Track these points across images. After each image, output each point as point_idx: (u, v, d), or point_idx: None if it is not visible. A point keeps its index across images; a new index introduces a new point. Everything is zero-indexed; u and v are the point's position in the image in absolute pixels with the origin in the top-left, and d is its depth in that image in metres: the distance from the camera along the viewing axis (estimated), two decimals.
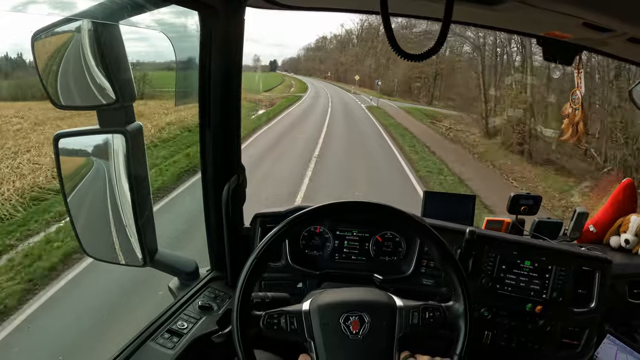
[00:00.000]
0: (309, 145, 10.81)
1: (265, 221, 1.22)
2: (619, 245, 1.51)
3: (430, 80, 23.10)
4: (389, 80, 27.36)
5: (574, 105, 1.19)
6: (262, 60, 45.79)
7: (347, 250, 1.28)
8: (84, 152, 1.01)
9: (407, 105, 22.30)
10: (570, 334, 1.22)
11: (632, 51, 0.95)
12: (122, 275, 3.57)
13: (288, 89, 33.63)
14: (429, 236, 0.89)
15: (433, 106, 21.48)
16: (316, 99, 25.95)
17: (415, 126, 16.04)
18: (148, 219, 0.97)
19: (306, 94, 28.66)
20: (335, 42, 42.26)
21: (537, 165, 10.48)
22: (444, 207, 1.41)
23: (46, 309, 3.43)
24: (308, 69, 46.04)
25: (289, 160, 9.13)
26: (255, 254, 0.83)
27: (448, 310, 0.87)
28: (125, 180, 0.94)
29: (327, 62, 44.23)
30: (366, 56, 33.83)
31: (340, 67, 41.38)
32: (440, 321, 0.85)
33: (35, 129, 7.88)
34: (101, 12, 0.86)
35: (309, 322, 0.82)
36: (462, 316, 0.85)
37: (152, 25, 0.92)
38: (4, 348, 3.00)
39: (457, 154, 11.75)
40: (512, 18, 0.93)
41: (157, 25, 0.93)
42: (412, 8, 0.95)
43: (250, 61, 45.87)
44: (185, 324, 0.97)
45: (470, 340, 0.84)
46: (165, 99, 11.19)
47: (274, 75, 40.39)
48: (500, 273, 1.23)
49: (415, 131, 14.57)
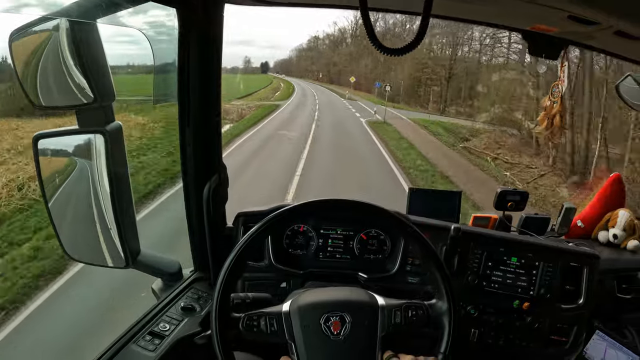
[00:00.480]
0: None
1: (247, 220, 1.20)
2: (607, 240, 1.52)
3: (442, 83, 21.36)
4: (390, 82, 24.54)
5: (553, 98, 1.20)
6: (254, 62, 46.05)
7: (331, 249, 1.27)
8: (64, 152, 1.00)
9: (418, 116, 18.38)
10: (559, 330, 1.22)
11: (619, 45, 0.94)
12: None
13: (273, 93, 30.83)
14: (410, 233, 0.89)
15: (447, 114, 19.22)
16: (299, 108, 20.56)
17: (447, 158, 10.20)
18: (130, 219, 0.96)
19: (288, 101, 24.49)
20: (328, 42, 41.32)
21: None
22: (430, 204, 1.41)
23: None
24: (300, 70, 45.25)
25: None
26: (234, 253, 0.82)
27: (431, 308, 0.86)
28: (106, 181, 0.93)
29: (320, 63, 42.99)
30: (362, 55, 32.31)
31: (333, 67, 39.68)
32: (424, 319, 0.85)
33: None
34: (77, 10, 0.85)
35: (289, 323, 0.81)
36: (446, 314, 0.84)
37: (129, 23, 0.91)
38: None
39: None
40: (496, 12, 0.92)
41: (135, 23, 0.92)
42: (392, 2, 0.94)
43: (240, 63, 43.61)
44: (168, 326, 0.96)
45: (455, 339, 0.83)
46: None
47: (262, 78, 39.07)
48: (487, 270, 1.22)
49: (455, 173, 8.96)
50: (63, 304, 3.52)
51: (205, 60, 0.95)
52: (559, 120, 1.27)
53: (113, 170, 0.90)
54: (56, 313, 3.40)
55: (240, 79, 27.57)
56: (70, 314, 3.41)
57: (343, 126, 14.89)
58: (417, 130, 14.22)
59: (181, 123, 0.99)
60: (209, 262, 1.12)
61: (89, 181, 0.95)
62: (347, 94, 29.28)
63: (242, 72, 42.66)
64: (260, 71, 44.55)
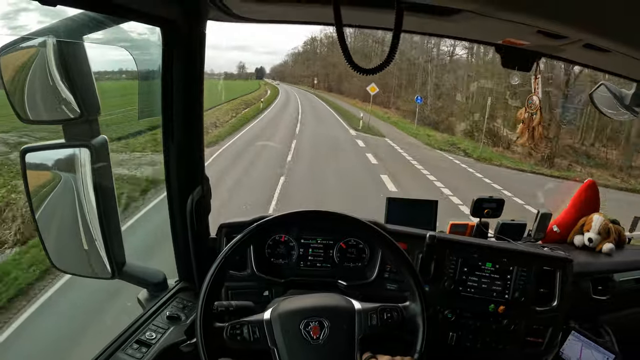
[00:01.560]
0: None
1: (230, 231, 1.23)
2: (583, 244, 1.56)
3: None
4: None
5: (530, 110, 1.24)
6: (248, 68, 43.28)
7: (312, 258, 1.30)
8: (51, 166, 1.02)
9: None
10: (534, 332, 1.26)
11: (588, 57, 0.98)
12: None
13: (248, 105, 19.45)
14: (381, 239, 0.93)
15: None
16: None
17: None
18: (115, 231, 0.98)
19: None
20: (327, 42, 32.72)
21: None
22: (407, 212, 1.44)
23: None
24: (295, 76, 40.97)
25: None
26: (216, 263, 0.85)
27: (405, 310, 0.90)
28: (91, 194, 0.95)
29: (316, 66, 35.82)
30: (368, 54, 22.04)
31: (332, 70, 30.16)
32: (399, 321, 0.89)
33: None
34: (64, 28, 0.88)
35: (270, 330, 0.85)
36: (419, 315, 0.89)
37: (114, 41, 0.94)
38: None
39: None
40: (467, 28, 0.96)
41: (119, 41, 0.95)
42: (366, 19, 0.97)
43: (234, 69, 41.11)
44: (154, 335, 0.98)
45: (429, 338, 0.87)
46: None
47: (247, 85, 33.92)
48: (463, 275, 1.26)
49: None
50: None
51: (188, 76, 0.98)
52: (541, 130, 1.31)
53: (98, 183, 0.93)
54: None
55: (222, 87, 20.47)
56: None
57: None
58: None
59: (165, 137, 1.02)
60: (193, 272, 1.14)
61: (75, 194, 0.98)
62: (361, 119, 15.37)
63: (234, 78, 39.47)
64: (255, 77, 42.49)
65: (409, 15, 0.68)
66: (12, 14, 1.02)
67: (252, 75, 42.39)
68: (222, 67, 42.86)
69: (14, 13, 1.01)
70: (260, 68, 48.31)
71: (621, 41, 0.75)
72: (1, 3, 1.10)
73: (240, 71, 42.26)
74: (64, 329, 3.27)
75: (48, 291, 3.52)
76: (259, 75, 42.86)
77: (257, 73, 43.60)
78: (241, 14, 0.95)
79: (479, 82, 15.30)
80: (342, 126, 15.14)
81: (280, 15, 1.01)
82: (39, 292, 3.52)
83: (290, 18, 1.02)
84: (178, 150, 1.04)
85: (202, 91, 1.02)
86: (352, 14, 0.88)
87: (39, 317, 3.29)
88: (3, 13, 1.07)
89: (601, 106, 1.36)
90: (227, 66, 58.27)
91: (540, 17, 0.72)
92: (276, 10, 0.96)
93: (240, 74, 41.66)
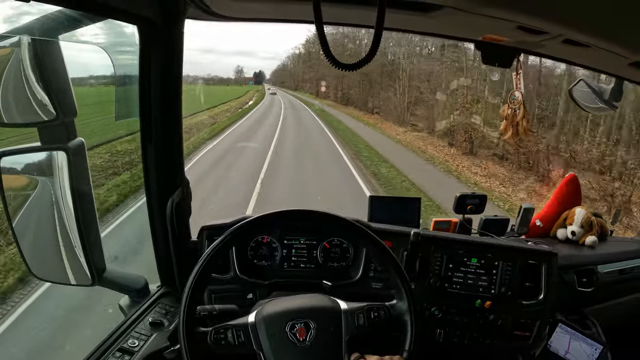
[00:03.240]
0: None
1: (211, 233, 1.21)
2: (566, 237, 1.59)
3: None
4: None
5: (513, 105, 1.26)
6: (246, 72, 39.90)
7: (295, 259, 1.28)
8: (27, 170, 0.99)
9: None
10: (522, 326, 1.27)
11: (568, 52, 0.99)
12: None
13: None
14: (365, 237, 0.92)
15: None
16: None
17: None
18: (95, 237, 0.95)
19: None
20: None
21: None
22: (390, 210, 1.44)
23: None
24: (296, 80, 34.20)
25: None
26: (198, 267, 0.83)
27: (392, 308, 0.89)
28: (69, 199, 0.92)
29: (323, 67, 23.70)
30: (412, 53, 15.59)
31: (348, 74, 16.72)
32: (386, 320, 0.88)
33: None
34: (39, 27, 0.85)
35: (255, 334, 0.83)
36: (407, 312, 0.88)
37: (91, 40, 0.92)
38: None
39: None
40: (447, 24, 0.96)
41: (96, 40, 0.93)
42: (347, 16, 0.97)
43: (232, 73, 37.94)
44: (137, 342, 0.96)
45: (418, 336, 0.86)
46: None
47: (232, 90, 30.39)
48: (448, 272, 1.26)
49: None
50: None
51: (166, 76, 0.97)
52: (525, 125, 1.32)
53: (76, 187, 0.90)
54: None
55: (201, 91, 18.13)
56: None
57: None
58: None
59: (143, 139, 1.00)
60: (175, 276, 1.12)
61: (53, 198, 0.94)
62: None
63: (231, 83, 36.69)
64: (254, 82, 38.85)
65: (390, 13, 0.68)
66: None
67: (247, 80, 39.41)
68: (218, 71, 40.63)
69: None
70: (259, 72, 43.04)
71: (601, 36, 0.76)
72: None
73: (238, 75, 39.80)
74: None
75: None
76: (257, 80, 39.20)
77: (256, 77, 39.81)
78: (220, 12, 0.93)
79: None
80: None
81: (259, 13, 1.01)
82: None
83: (270, 16, 1.02)
84: (157, 152, 1.02)
85: (180, 92, 1.00)
86: (332, 12, 0.87)
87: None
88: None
89: (580, 101, 1.39)
90: (224, 70, 55.81)
91: (521, 12, 0.73)
92: (255, 8, 0.95)
93: (237, 79, 39.36)
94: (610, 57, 0.87)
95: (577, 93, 1.39)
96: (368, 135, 14.47)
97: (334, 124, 17.44)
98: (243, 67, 45.46)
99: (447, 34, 1.11)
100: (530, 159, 10.18)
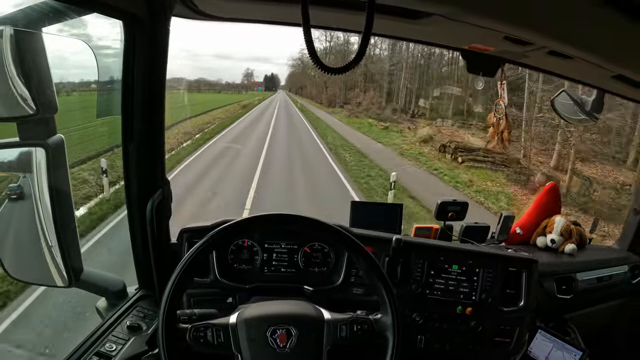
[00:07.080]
0: None
1: (192, 236, 1.19)
2: (545, 245, 1.62)
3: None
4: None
5: (497, 115, 1.28)
6: (257, 76, 35.59)
7: (276, 263, 1.27)
8: (4, 166, 0.95)
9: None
10: (502, 332, 1.28)
11: (552, 63, 1.02)
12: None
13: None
14: (348, 243, 0.90)
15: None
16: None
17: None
18: (72, 237, 0.92)
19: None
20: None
21: None
22: (372, 216, 1.44)
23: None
24: (310, 89, 29.85)
25: None
26: (178, 270, 0.81)
27: (376, 323, 0.88)
28: (47, 197, 0.89)
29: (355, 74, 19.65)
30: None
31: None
32: (369, 333, 0.87)
33: None
34: (22, 18, 0.82)
35: (236, 335, 0.82)
36: (390, 328, 0.87)
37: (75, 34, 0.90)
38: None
39: None
40: (435, 32, 0.97)
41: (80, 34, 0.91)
42: (335, 20, 0.98)
43: (239, 78, 33.23)
44: (114, 346, 0.93)
45: (400, 350, 0.85)
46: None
47: (224, 97, 27.54)
48: (429, 278, 1.26)
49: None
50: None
51: (150, 74, 0.95)
52: (507, 134, 1.35)
53: (54, 186, 0.87)
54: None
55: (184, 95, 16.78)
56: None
57: None
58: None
59: (124, 137, 0.98)
60: (153, 279, 1.09)
61: (30, 197, 0.91)
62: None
63: (236, 90, 32.30)
64: (264, 87, 33.51)
65: (379, 18, 0.68)
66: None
67: (257, 85, 35.04)
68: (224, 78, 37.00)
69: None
70: (270, 76, 35.69)
71: (585, 49, 0.78)
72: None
73: (245, 80, 35.47)
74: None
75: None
76: (268, 86, 32.60)
77: (267, 83, 33.17)
78: (207, 11, 0.93)
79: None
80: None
81: (246, 14, 1.00)
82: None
83: (257, 17, 1.01)
84: (138, 152, 1.00)
85: (164, 90, 0.98)
86: (321, 15, 0.87)
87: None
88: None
89: (562, 112, 1.43)
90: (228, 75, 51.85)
91: (509, 22, 0.74)
92: (242, 9, 0.94)
93: (242, 83, 35.49)
94: (593, 70, 0.90)
95: (558, 104, 1.43)
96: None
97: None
98: (253, 70, 40.20)
99: (434, 41, 1.12)
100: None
